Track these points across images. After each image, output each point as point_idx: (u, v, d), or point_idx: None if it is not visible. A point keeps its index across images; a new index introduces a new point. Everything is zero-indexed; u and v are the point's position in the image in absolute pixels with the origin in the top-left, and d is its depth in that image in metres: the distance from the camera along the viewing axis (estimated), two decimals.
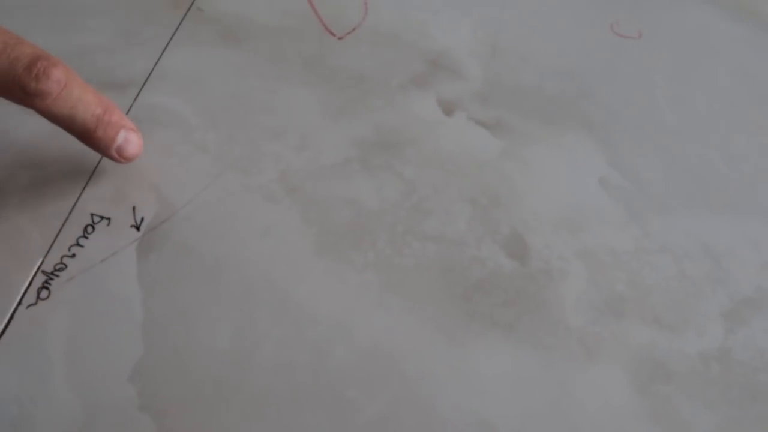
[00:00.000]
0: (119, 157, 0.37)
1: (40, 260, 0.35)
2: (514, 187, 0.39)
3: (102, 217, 0.37)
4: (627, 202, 0.39)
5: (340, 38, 0.47)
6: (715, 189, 0.41)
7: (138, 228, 0.36)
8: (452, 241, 0.37)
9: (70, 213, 0.37)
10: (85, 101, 0.34)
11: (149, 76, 0.44)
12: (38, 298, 0.34)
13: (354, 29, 0.48)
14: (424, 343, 0.33)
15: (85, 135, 0.35)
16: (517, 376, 0.32)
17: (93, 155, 0.39)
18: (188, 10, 0.48)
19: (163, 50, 0.45)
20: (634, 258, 0.37)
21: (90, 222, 0.37)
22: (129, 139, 0.37)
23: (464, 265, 0.36)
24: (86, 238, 0.36)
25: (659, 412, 0.32)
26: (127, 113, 0.42)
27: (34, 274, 0.35)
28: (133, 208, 0.37)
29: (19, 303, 0.34)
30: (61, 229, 0.36)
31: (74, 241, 0.36)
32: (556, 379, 0.32)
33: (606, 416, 0.31)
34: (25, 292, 0.34)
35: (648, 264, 0.37)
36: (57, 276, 0.34)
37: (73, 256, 0.35)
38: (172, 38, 0.46)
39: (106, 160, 0.39)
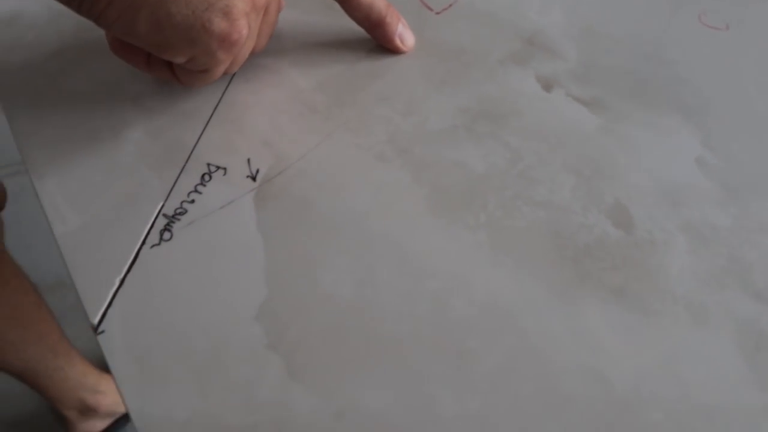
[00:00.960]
0: (401, 44, 0.43)
1: (161, 204, 0.36)
2: (614, 160, 0.40)
3: (218, 167, 0.38)
4: (724, 182, 0.40)
5: (437, 13, 0.48)
6: None
7: (254, 179, 0.38)
8: (560, 207, 0.37)
9: (186, 161, 0.38)
10: None
11: None
12: (161, 239, 0.35)
13: (450, 5, 0.49)
14: (538, 300, 0.34)
15: (379, 21, 0.42)
16: (628, 336, 0.33)
17: (207, 108, 0.40)
18: None
19: None
20: (733, 234, 0.38)
21: (207, 171, 0.38)
22: (406, 31, 0.44)
23: (572, 230, 0.37)
24: (204, 186, 0.37)
25: (766, 379, 0.33)
26: (235, 72, 0.43)
27: (156, 217, 0.36)
28: (248, 160, 0.38)
29: (143, 243, 0.35)
30: (179, 175, 0.37)
31: (193, 188, 0.37)
32: (666, 342, 0.33)
33: (715, 380, 0.32)
34: (148, 233, 0.35)
35: (747, 241, 0.38)
36: (178, 219, 0.35)
37: (193, 201, 0.36)
38: None
39: (218, 113, 0.40)
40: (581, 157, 0.40)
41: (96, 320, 0.32)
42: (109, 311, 0.32)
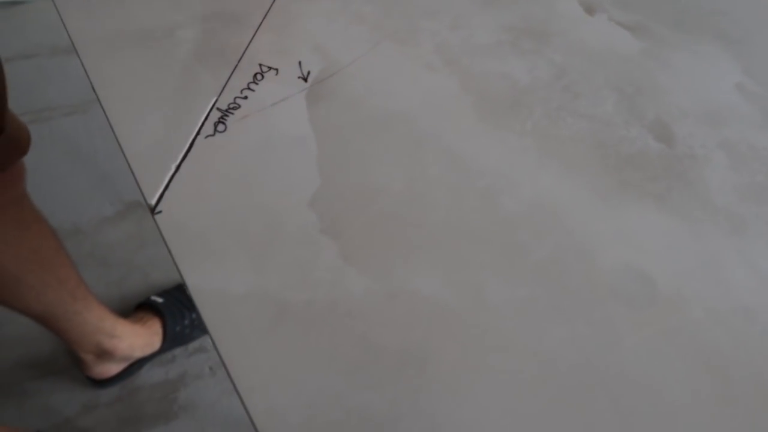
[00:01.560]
0: None
1: (215, 98, 0.37)
2: (655, 81, 0.41)
3: (270, 68, 0.39)
4: (763, 106, 0.41)
5: None
6: None
7: (305, 80, 0.38)
8: (602, 120, 0.38)
9: (239, 60, 0.39)
10: None
11: None
12: (216, 130, 0.36)
13: None
14: (583, 202, 0.35)
15: None
16: (670, 240, 0.34)
17: (258, 14, 0.41)
18: None
19: None
20: None
21: (259, 71, 0.38)
22: None
23: (615, 141, 0.37)
24: (256, 83, 0.38)
25: None
26: None
27: (210, 110, 0.36)
28: (299, 63, 0.39)
29: (198, 133, 0.35)
30: (232, 73, 0.38)
31: (245, 86, 0.38)
32: (706, 247, 0.34)
33: (755, 282, 0.33)
34: (203, 124, 0.36)
35: None
36: (232, 113, 0.36)
37: (246, 98, 0.37)
38: None
39: (269, 18, 0.41)
40: (623, 76, 0.41)
41: (153, 201, 0.33)
42: (166, 194, 0.33)
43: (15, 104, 0.38)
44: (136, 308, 0.89)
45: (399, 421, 0.26)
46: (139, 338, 0.81)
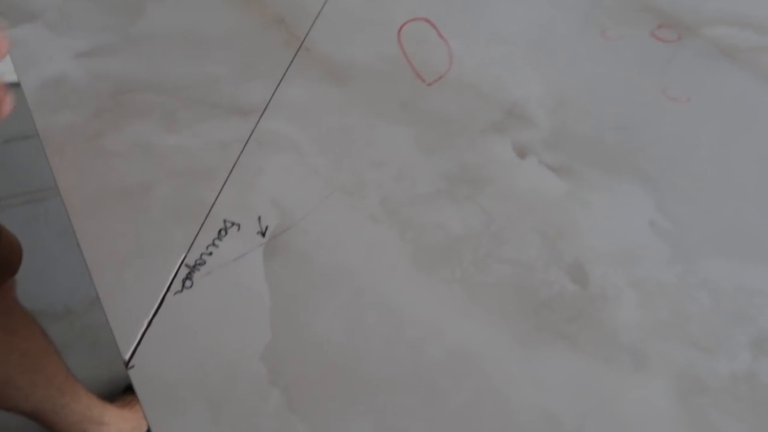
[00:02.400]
0: None
1: (184, 255, 0.43)
2: (576, 223, 0.46)
3: (233, 223, 0.44)
4: (672, 242, 0.46)
5: (429, 84, 0.55)
6: (748, 237, 0.47)
7: (263, 234, 0.44)
8: (525, 265, 0.44)
9: (206, 218, 0.45)
10: None
11: (268, 104, 0.52)
12: (183, 287, 0.41)
13: (441, 77, 0.55)
14: (502, 347, 0.40)
15: None
16: (577, 379, 0.39)
17: (225, 169, 0.47)
18: (297, 51, 0.56)
19: (278, 83, 0.53)
20: (676, 290, 0.44)
21: (223, 227, 0.44)
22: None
23: (535, 285, 0.43)
24: (220, 239, 0.44)
25: (696, 421, 0.38)
26: (249, 137, 0.49)
27: (179, 266, 0.42)
28: (259, 218, 0.45)
29: (168, 290, 0.41)
30: (199, 230, 0.44)
31: (211, 242, 0.43)
32: (611, 385, 0.39)
33: (651, 420, 0.38)
34: (172, 281, 0.42)
35: (688, 297, 0.44)
36: (198, 270, 0.42)
37: (211, 254, 0.43)
38: (285, 74, 0.54)
39: (234, 174, 0.47)
40: (547, 220, 0.46)
41: (127, 357, 0.38)
42: (139, 348, 0.39)
43: (14, 184, 0.44)
44: (124, 390, 0.94)
45: None
46: (126, 423, 0.86)
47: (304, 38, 0.57)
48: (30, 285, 0.89)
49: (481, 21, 0.62)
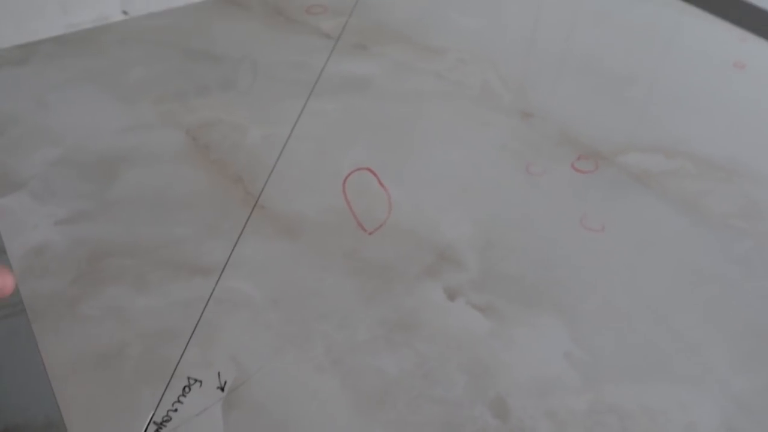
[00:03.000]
0: None
1: (152, 413, 0.49)
2: (499, 359, 0.53)
3: (196, 380, 0.51)
4: (584, 371, 0.53)
5: (370, 233, 0.62)
6: (655, 361, 0.54)
7: (222, 389, 0.50)
8: (453, 403, 0.50)
9: (171, 376, 0.51)
10: None
11: (226, 264, 0.59)
12: None
13: (381, 225, 0.63)
14: None
15: None
16: None
17: (188, 327, 0.53)
18: (253, 209, 0.64)
19: (236, 242, 0.61)
20: (587, 417, 0.50)
21: (187, 383, 0.51)
22: None
23: (461, 422, 0.49)
24: (185, 396, 0.50)
25: None
26: (210, 296, 0.56)
27: (148, 424, 0.48)
28: (218, 373, 0.51)
29: None
30: (165, 389, 0.50)
31: (176, 399, 0.50)
32: None
33: None
34: None
35: (599, 423, 0.50)
36: (165, 426, 0.48)
37: (176, 410, 0.49)
38: (241, 233, 0.61)
39: (197, 332, 0.53)
40: (473, 358, 0.53)
41: None
42: None
43: None
44: None
45: None
46: None
47: (259, 195, 0.65)
48: (8, 398, 0.93)
49: (418, 166, 0.70)
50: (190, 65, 0.81)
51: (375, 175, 0.68)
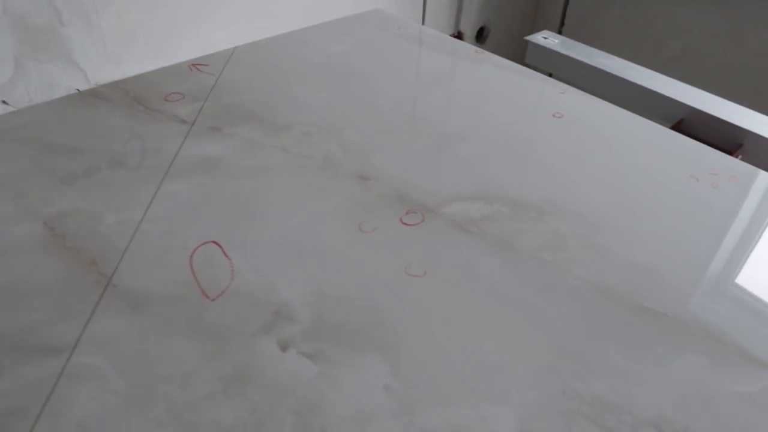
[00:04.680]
0: None
1: None
2: (326, 399, 0.61)
3: None
4: (401, 400, 0.61)
5: (212, 300, 0.69)
6: (462, 384, 0.63)
7: None
8: None
9: None
10: None
11: (77, 341, 0.65)
12: None
13: (223, 292, 0.70)
14: None
15: None
16: None
17: (37, 408, 0.59)
18: (105, 288, 0.70)
19: (87, 321, 0.67)
20: None
21: None
22: None
23: None
24: None
25: None
26: (61, 372, 0.62)
27: None
28: None
29: None
30: None
31: None
32: None
33: None
34: None
35: None
36: None
37: None
38: (93, 312, 0.67)
39: (47, 409, 0.58)
40: (303, 401, 0.60)
41: None
42: None
43: None
44: None
45: None
46: None
47: (111, 276, 0.71)
48: None
49: (260, 235, 0.78)
50: (50, 159, 0.88)
51: (220, 246, 0.75)
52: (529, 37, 1.37)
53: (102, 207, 0.81)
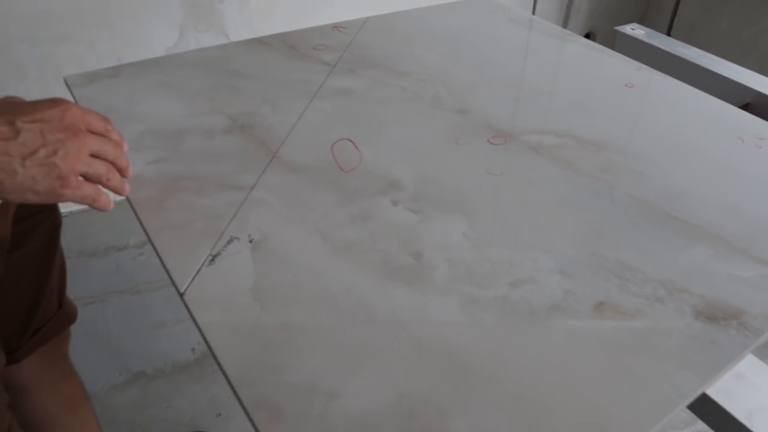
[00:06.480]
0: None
1: (209, 251, 0.83)
2: (421, 235, 0.87)
3: (235, 237, 0.85)
4: (474, 243, 0.86)
5: (346, 172, 0.97)
6: (519, 237, 0.87)
7: (251, 242, 0.85)
8: (389, 252, 0.84)
9: (221, 236, 0.85)
10: None
11: (255, 184, 0.94)
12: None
13: (354, 168, 0.98)
14: None
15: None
16: None
17: (230, 214, 0.88)
18: (272, 158, 0.99)
19: (261, 173, 0.96)
20: (476, 263, 0.84)
21: (230, 239, 0.85)
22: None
23: (397, 267, 0.83)
24: (229, 244, 0.84)
25: None
26: (244, 199, 0.91)
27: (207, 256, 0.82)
28: (249, 234, 0.86)
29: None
30: (217, 241, 0.85)
31: (224, 246, 0.84)
32: None
33: None
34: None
35: (487, 259, 0.83)
36: (218, 256, 0.82)
37: (223, 251, 0.83)
38: (265, 169, 0.97)
39: (237, 216, 0.88)
40: (405, 234, 0.87)
41: (183, 289, 0.78)
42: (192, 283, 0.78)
43: None
44: None
45: None
46: None
47: (276, 151, 1.01)
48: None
49: (382, 139, 1.06)
50: (230, 79, 1.19)
51: (352, 142, 1.03)
52: (618, 27, 1.59)
53: (268, 112, 1.11)
